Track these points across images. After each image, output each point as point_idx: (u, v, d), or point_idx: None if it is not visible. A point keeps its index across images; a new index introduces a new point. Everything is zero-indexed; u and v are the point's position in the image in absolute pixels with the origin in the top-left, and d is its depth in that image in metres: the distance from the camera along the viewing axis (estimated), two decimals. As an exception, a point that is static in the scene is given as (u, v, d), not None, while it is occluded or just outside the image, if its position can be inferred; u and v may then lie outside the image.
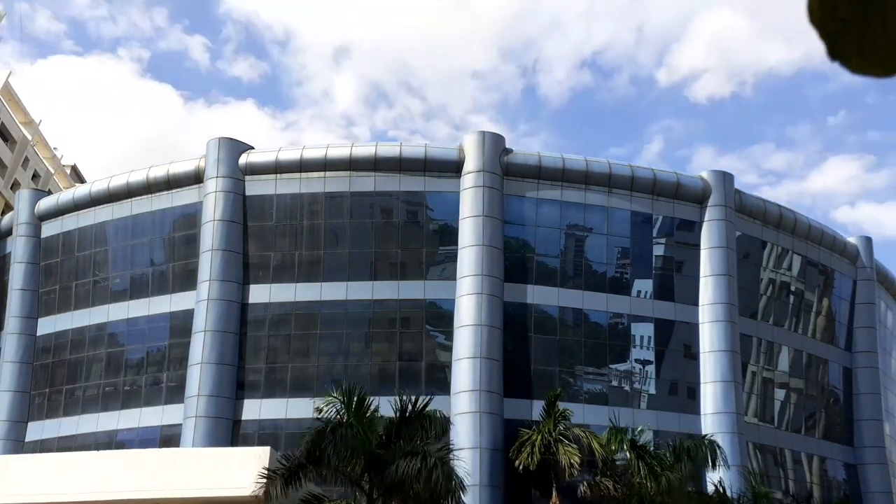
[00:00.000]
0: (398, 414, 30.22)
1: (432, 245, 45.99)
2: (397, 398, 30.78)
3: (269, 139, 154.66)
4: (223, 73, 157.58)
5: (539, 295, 44.90)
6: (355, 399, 29.92)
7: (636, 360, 46.34)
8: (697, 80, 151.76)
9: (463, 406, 41.53)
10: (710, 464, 36.99)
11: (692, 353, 46.57)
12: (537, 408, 40.70)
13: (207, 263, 44.96)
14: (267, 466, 28.58)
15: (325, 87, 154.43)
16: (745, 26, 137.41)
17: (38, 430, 48.74)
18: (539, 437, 37.78)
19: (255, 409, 43.70)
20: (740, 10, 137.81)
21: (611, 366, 46.01)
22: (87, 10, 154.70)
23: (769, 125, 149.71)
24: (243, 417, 43.64)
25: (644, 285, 47.07)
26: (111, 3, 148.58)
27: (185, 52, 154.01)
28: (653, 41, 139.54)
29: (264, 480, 27.82)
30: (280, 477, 27.93)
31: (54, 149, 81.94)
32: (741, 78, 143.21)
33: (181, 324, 45.68)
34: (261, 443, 38.77)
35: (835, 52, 2.25)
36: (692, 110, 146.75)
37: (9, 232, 53.73)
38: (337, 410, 29.75)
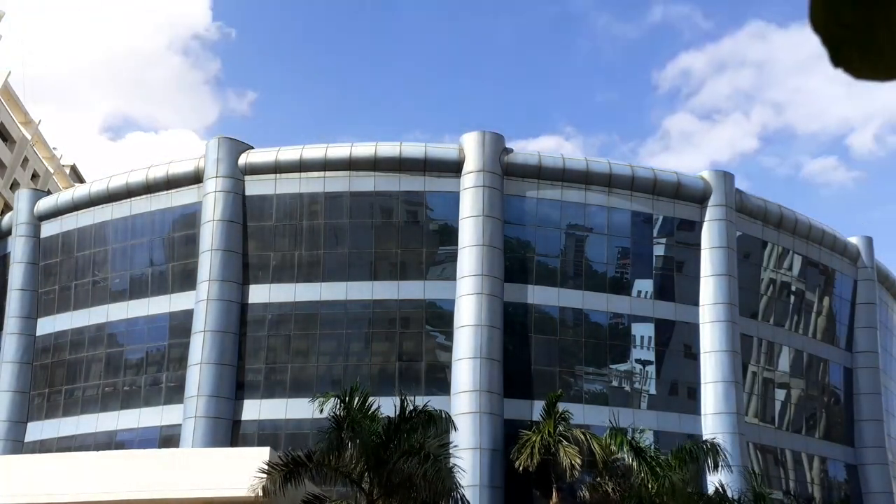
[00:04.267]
0: (398, 414, 30.20)
1: (432, 245, 45.95)
2: (397, 398, 30.76)
3: None
4: None
5: (539, 295, 44.85)
6: (357, 399, 29.93)
7: (636, 361, 46.29)
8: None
9: (463, 406, 41.48)
10: (713, 465, 36.89)
11: (692, 354, 46.53)
12: (537, 408, 40.65)
13: (207, 263, 44.92)
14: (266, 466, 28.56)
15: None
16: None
17: (37, 430, 48.72)
18: (539, 438, 37.73)
19: (254, 410, 43.66)
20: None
21: (611, 366, 45.96)
22: None
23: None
24: (243, 418, 43.61)
25: (644, 285, 47.02)
26: None
27: None
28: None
29: (264, 476, 27.79)
30: (279, 473, 27.91)
31: (53, 149, 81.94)
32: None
33: (181, 324, 45.65)
34: (261, 443, 38.77)
35: (838, 59, 2.21)
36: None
37: (8, 232, 53.69)
38: (338, 410, 29.73)
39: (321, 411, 30.36)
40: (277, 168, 46.09)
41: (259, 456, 29.34)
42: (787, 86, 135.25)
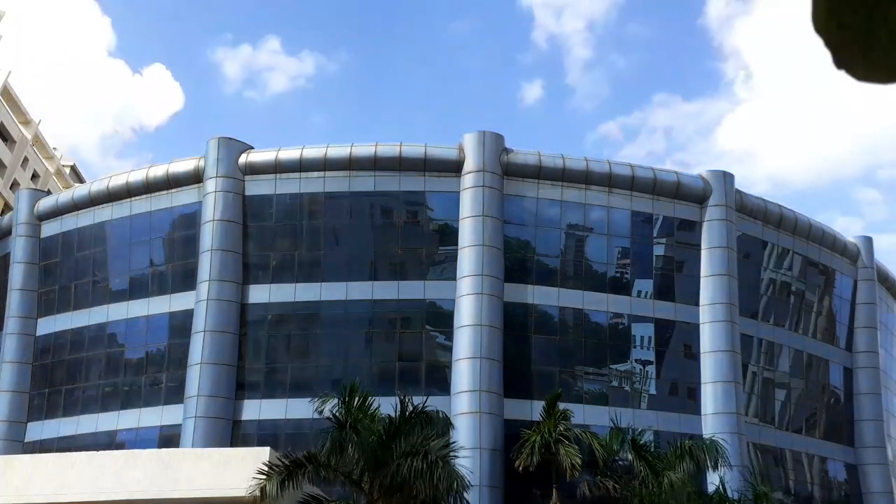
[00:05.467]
0: (398, 414, 30.17)
1: (432, 245, 45.94)
2: (397, 398, 30.74)
3: None
4: None
5: (539, 295, 44.84)
6: (357, 399, 29.91)
7: (636, 361, 46.28)
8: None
9: (463, 406, 41.48)
10: (714, 464, 36.87)
11: (692, 354, 46.51)
12: (538, 408, 40.60)
13: (207, 263, 44.90)
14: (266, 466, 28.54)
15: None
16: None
17: (37, 430, 48.70)
18: (539, 438, 37.71)
19: (254, 410, 43.65)
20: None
21: (611, 366, 45.96)
22: None
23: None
24: (243, 418, 43.59)
25: (644, 285, 47.02)
26: None
27: None
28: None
29: (262, 477, 27.76)
30: (279, 473, 27.87)
31: (53, 149, 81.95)
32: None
33: (181, 324, 45.63)
34: (260, 443, 38.72)
35: (840, 61, 2.21)
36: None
37: (8, 232, 53.66)
38: (338, 410, 29.72)
39: (321, 412, 30.34)
40: (277, 168, 46.07)
41: (259, 456, 29.33)
42: (693, 149, 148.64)
